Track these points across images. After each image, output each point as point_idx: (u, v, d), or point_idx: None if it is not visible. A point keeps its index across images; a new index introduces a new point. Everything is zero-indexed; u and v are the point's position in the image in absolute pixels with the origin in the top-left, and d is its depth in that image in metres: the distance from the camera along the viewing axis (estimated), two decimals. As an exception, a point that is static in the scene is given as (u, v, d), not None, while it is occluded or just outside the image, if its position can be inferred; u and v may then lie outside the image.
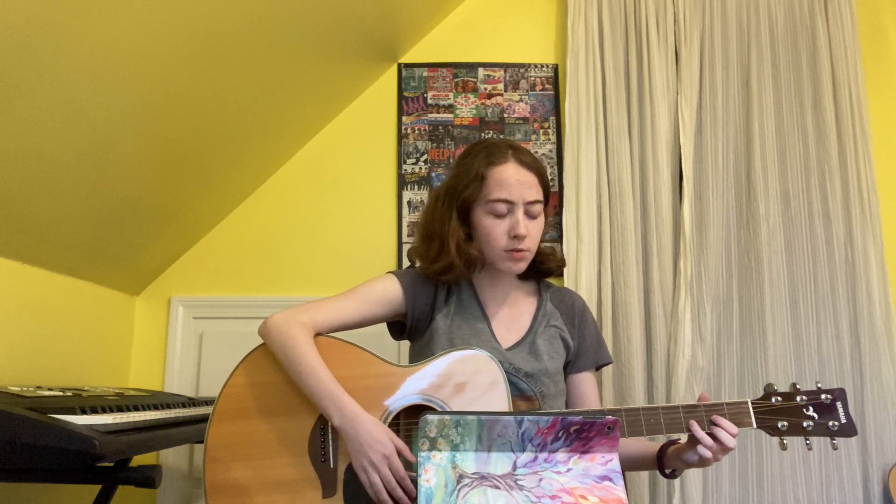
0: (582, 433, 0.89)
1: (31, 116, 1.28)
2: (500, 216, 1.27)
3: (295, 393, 1.21)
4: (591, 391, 1.39)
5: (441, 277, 1.33)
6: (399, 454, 1.14)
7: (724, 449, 1.14)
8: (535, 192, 1.29)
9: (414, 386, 1.21)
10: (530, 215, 1.28)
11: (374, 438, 1.13)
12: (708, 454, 1.13)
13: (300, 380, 1.19)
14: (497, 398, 1.19)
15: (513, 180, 1.26)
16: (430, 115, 2.30)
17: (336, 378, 1.19)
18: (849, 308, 2.13)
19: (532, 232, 1.28)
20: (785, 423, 1.16)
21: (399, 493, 1.12)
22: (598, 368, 1.43)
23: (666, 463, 1.25)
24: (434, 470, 0.87)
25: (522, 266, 1.31)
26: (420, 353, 1.34)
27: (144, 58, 1.41)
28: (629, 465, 1.33)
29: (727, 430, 1.14)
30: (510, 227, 1.26)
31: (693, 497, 1.97)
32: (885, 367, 2.08)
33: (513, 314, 1.38)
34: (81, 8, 1.19)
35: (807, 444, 1.19)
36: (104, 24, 1.26)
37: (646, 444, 1.32)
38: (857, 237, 2.15)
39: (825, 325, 2.12)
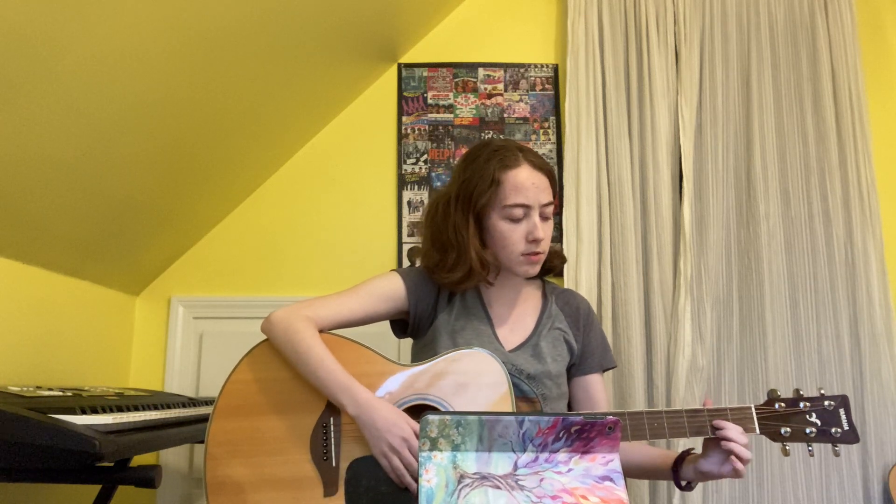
0: (583, 433, 0.89)
1: (31, 116, 1.28)
2: (516, 220, 1.26)
3: (297, 389, 1.21)
4: (599, 393, 1.38)
5: (459, 286, 1.31)
6: (417, 436, 1.14)
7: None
8: (548, 194, 1.28)
9: (416, 385, 1.21)
10: (544, 217, 1.28)
11: (391, 423, 1.13)
12: (747, 455, 1.10)
13: (309, 373, 1.18)
14: (500, 399, 1.19)
15: (528, 184, 1.25)
16: (430, 115, 2.30)
17: None
18: (849, 308, 2.13)
19: (547, 234, 1.28)
20: (788, 429, 1.16)
21: None
22: (602, 372, 1.42)
23: (682, 475, 1.22)
24: (435, 470, 0.87)
25: (538, 269, 1.30)
26: (422, 352, 1.33)
27: (144, 58, 1.41)
28: (643, 473, 1.32)
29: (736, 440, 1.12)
30: (527, 231, 1.25)
31: (693, 497, 1.97)
32: (885, 367, 2.08)
33: (517, 315, 1.37)
34: (81, 8, 1.19)
35: (809, 451, 1.18)
36: (104, 24, 1.25)
37: (660, 454, 1.29)
38: (857, 237, 2.15)
39: (825, 325, 2.12)
